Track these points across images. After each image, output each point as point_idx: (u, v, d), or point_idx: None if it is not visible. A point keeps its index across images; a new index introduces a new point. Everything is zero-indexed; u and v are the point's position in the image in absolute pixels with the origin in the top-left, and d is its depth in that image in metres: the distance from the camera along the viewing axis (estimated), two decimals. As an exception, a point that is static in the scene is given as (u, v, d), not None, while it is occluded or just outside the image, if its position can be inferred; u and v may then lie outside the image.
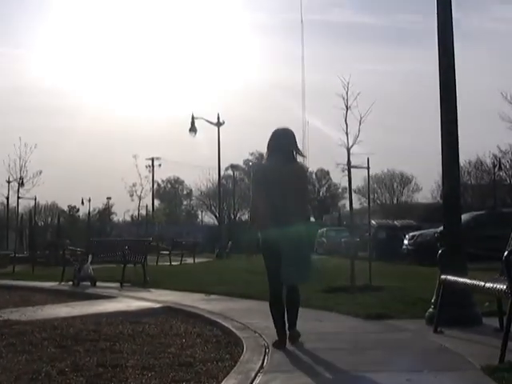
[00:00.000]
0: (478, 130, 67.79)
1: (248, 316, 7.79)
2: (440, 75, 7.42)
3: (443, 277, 6.58)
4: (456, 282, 6.28)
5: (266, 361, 5.26)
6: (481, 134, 68.16)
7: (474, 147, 50.48)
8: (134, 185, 62.30)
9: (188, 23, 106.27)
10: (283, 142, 6.08)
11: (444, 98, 7.40)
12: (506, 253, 5.02)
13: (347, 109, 10.81)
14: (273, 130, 6.21)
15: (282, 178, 5.93)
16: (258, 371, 4.86)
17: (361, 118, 10.76)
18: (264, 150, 6.24)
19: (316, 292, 9.57)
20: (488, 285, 5.36)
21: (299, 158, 6.16)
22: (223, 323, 7.39)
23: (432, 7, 7.48)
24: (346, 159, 11.09)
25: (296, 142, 6.16)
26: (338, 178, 51.61)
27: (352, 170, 11.33)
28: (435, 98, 7.47)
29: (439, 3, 7.48)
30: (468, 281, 6.00)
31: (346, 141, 10.85)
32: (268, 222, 5.87)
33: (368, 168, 12.31)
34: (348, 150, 10.91)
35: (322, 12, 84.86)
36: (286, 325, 5.97)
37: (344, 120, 10.82)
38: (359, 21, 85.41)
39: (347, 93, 10.78)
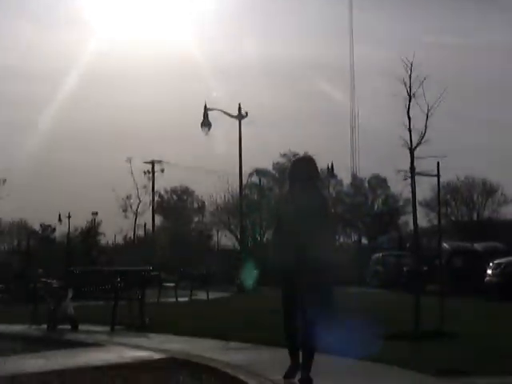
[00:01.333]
0: None
1: (279, 370, 7.73)
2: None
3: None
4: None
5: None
6: None
7: None
8: (129, 197, 61.98)
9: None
10: (301, 172, 7.79)
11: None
12: None
13: (410, 98, 10.71)
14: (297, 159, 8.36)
15: (297, 213, 7.51)
16: None
17: (428, 109, 10.64)
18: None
19: (369, 339, 9.48)
20: None
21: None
22: (246, 380, 7.36)
23: None
24: (409, 164, 11.00)
25: (316, 170, 7.96)
26: (399, 188, 50.72)
27: (417, 177, 11.24)
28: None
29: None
30: None
31: (408, 140, 10.75)
32: (283, 255, 7.54)
33: (438, 175, 12.22)
34: (411, 151, 10.82)
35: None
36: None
37: (406, 112, 10.73)
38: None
39: (410, 77, 10.69)
